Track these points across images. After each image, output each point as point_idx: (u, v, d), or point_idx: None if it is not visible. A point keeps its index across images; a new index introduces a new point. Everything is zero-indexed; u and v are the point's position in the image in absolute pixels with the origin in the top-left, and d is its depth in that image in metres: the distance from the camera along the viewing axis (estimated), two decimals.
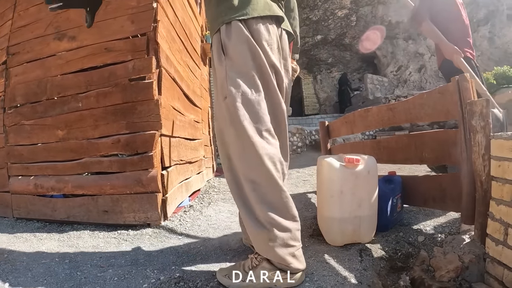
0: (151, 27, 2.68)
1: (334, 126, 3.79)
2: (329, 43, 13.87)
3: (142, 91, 2.59)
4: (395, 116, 2.57)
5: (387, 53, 13.62)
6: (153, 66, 2.60)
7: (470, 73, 2.64)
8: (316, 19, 12.45)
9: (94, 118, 2.69)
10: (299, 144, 8.10)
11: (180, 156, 3.26)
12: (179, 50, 3.48)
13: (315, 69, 15.40)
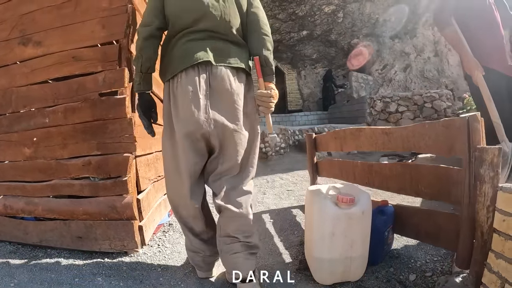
0: (124, 34, 2.41)
1: (322, 139, 3.64)
2: (314, 39, 13.73)
3: (114, 108, 2.35)
4: (390, 141, 2.43)
5: (373, 51, 13.59)
6: (125, 79, 2.35)
7: (487, 95, 2.53)
8: (302, 14, 12.28)
9: (62, 136, 2.46)
10: (282, 145, 7.95)
11: (158, 172, 3.06)
12: None
13: (299, 64, 15.28)
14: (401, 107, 10.18)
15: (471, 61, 2.65)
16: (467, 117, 1.69)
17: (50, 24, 2.53)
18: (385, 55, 13.50)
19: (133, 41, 2.46)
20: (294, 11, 12.17)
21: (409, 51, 13.49)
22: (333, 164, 3.47)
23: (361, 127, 2.82)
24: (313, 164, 3.82)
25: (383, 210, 2.35)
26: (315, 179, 3.86)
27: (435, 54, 13.85)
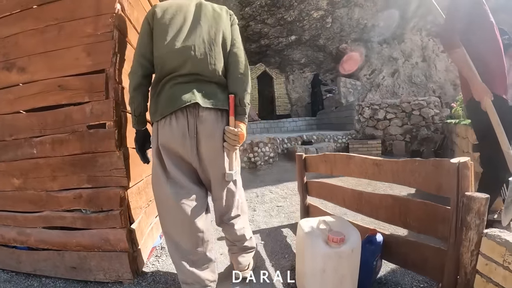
0: (110, 62, 2.35)
1: (312, 160, 3.66)
2: (303, 44, 13.81)
3: (103, 141, 2.32)
4: (380, 173, 2.47)
5: (361, 56, 13.69)
6: (113, 112, 2.31)
7: (497, 122, 2.48)
8: (291, 19, 12.32)
9: (51, 168, 2.42)
10: (271, 154, 7.98)
11: (148, 197, 3.04)
12: None
13: (287, 69, 15.35)
14: (389, 114, 10.28)
15: (480, 87, 2.58)
16: (457, 163, 1.73)
17: (33, 49, 2.46)
18: (373, 60, 13.62)
19: (120, 71, 2.43)
20: (283, 16, 12.20)
21: (397, 56, 13.63)
22: (323, 187, 3.50)
23: (351, 154, 2.84)
24: (303, 184, 3.84)
25: (372, 240, 2.39)
26: (305, 198, 3.88)
27: (423, 59, 14.01)
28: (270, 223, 4.14)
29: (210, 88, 2.13)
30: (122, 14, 2.53)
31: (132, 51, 2.68)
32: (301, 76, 15.48)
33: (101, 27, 2.40)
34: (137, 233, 2.54)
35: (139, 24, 2.89)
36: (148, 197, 3.03)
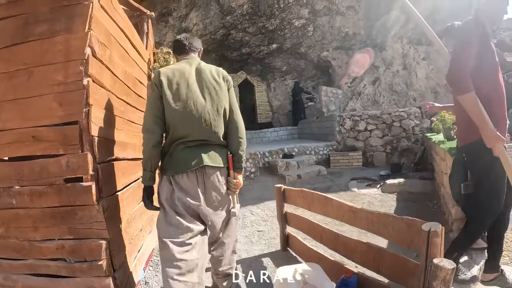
0: (83, 114, 2.32)
1: (291, 193, 3.75)
2: (284, 52, 13.91)
3: (81, 195, 2.32)
4: (356, 220, 2.57)
5: (342, 64, 13.85)
6: (89, 166, 2.31)
7: (510, 168, 2.45)
8: (272, 28, 12.39)
9: (32, 219, 2.41)
10: (252, 169, 8.05)
11: (131, 234, 3.09)
12: (122, 116, 3.25)
13: (269, 76, 15.43)
14: (370, 125, 10.45)
15: (493, 133, 2.48)
16: (428, 230, 1.82)
17: (3, 95, 2.42)
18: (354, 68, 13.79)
19: (94, 122, 2.41)
20: (264, 25, 12.27)
21: (378, 65, 13.83)
22: (302, 220, 3.59)
23: (329, 197, 2.93)
24: (282, 214, 3.93)
25: (347, 283, 2.48)
26: (285, 228, 3.97)
27: (404, 67, 14.25)
28: (251, 251, 4.21)
29: (213, 150, 2.60)
30: (93, 58, 2.50)
31: (106, 95, 2.74)
32: (282, 84, 15.59)
33: (71, 74, 2.37)
34: (121, 278, 2.59)
35: (113, 63, 2.93)
36: (131, 235, 3.08)
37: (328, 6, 12.36)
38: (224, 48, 13.52)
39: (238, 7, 11.53)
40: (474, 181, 2.83)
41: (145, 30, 4.97)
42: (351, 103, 13.44)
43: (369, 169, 9.65)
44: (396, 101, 13.72)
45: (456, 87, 2.59)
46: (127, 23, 3.58)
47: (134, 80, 3.74)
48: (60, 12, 2.50)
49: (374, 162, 10.30)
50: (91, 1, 2.51)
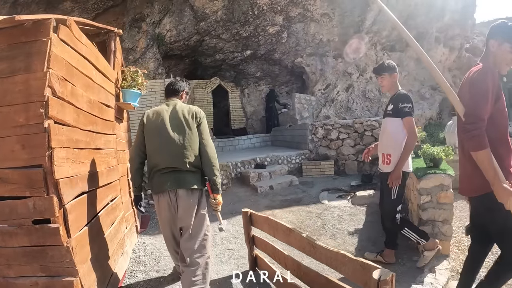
0: (46, 158, 2.37)
1: (258, 219, 3.87)
2: (258, 58, 14.05)
3: (49, 236, 2.41)
4: (316, 254, 2.70)
5: (316, 70, 14.02)
6: (55, 209, 2.38)
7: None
8: (246, 35, 12.49)
9: (5, 257, 2.47)
10: (224, 181, 8.12)
11: (102, 261, 3.20)
12: (88, 147, 3.29)
13: (243, 82, 15.54)
14: (342, 134, 10.65)
15: (504, 190, 2.45)
16: (378, 279, 1.93)
17: None
18: (328, 75, 13.97)
19: (57, 165, 2.46)
20: (238, 31, 12.36)
21: (351, 71, 14.04)
22: (267, 246, 3.71)
23: (291, 229, 3.06)
24: (249, 237, 4.03)
25: None
26: (253, 250, 4.10)
27: None
28: (221, 272, 4.32)
29: (182, 176, 3.28)
30: (54, 98, 2.53)
31: (70, 131, 2.80)
32: (256, 89, 15.71)
33: (32, 117, 2.40)
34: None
35: (76, 96, 2.99)
36: (101, 263, 3.20)
37: (302, 13, 12.54)
38: (198, 54, 13.57)
39: (212, 14, 11.59)
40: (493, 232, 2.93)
41: (112, 48, 4.99)
42: (324, 110, 13.63)
43: (341, 178, 9.84)
44: (369, 108, 13.97)
45: (472, 143, 2.55)
46: (91, 49, 3.63)
47: (100, 106, 3.80)
48: (19, 49, 2.53)
49: (346, 170, 10.51)
50: (49, 38, 2.53)
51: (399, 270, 4.24)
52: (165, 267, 4.45)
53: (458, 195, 7.64)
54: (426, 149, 5.12)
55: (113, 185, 4.22)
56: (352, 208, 6.91)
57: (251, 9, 11.68)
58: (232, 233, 5.60)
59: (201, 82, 15.24)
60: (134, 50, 11.13)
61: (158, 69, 11.78)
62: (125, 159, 5.21)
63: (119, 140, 4.87)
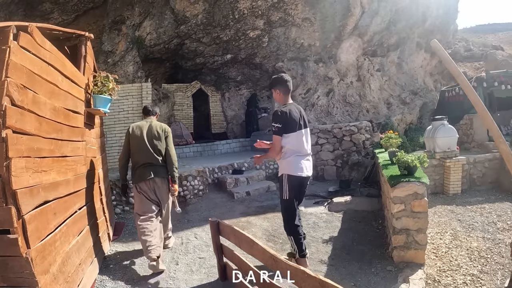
0: (4, 168, 2.37)
1: (225, 229, 3.90)
2: (239, 62, 14.06)
3: (9, 247, 2.40)
4: (277, 267, 2.76)
5: (297, 75, 14.06)
6: (14, 219, 2.37)
7: None
8: (227, 38, 12.48)
9: None
10: (200, 187, 8.11)
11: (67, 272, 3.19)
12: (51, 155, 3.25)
13: (223, 86, 15.53)
14: (321, 139, 10.75)
15: None
16: None
17: None
18: (308, 79, 14.02)
19: (15, 175, 2.45)
20: (219, 35, 12.35)
21: (332, 76, 14.12)
22: (234, 256, 3.72)
23: (255, 241, 3.07)
24: (218, 246, 4.04)
25: None
26: (221, 259, 4.10)
27: (358, 78, 14.64)
28: (190, 282, 4.33)
29: (157, 169, 4.91)
30: (12, 107, 2.53)
31: (30, 140, 2.78)
32: (237, 94, 15.71)
33: None
34: None
35: (38, 104, 2.97)
36: (66, 275, 3.16)
37: (283, 17, 12.56)
38: (178, 58, 13.53)
39: (192, 17, 11.57)
40: None
41: (82, 53, 4.94)
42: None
43: (319, 183, 9.92)
44: (350, 113, 14.07)
45: None
46: (56, 55, 3.58)
47: (66, 113, 3.76)
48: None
49: (325, 176, 10.60)
50: (8, 46, 2.53)
51: (372, 280, 4.30)
52: (134, 276, 4.46)
53: (437, 200, 7.87)
54: (401, 156, 5.18)
55: (81, 193, 4.20)
56: (329, 214, 6.96)
57: (232, 13, 11.68)
58: (205, 241, 5.61)
59: (182, 86, 15.20)
60: (113, 53, 11.04)
61: (138, 72, 11.70)
62: (97, 165, 5.20)
63: (89, 147, 4.84)
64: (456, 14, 17.54)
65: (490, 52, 27.76)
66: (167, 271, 4.59)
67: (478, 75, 11.65)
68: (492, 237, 5.80)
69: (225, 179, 8.75)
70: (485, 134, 10.52)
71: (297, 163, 4.41)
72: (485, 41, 35.36)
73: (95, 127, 5.35)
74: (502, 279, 4.49)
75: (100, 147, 5.68)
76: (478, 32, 43.92)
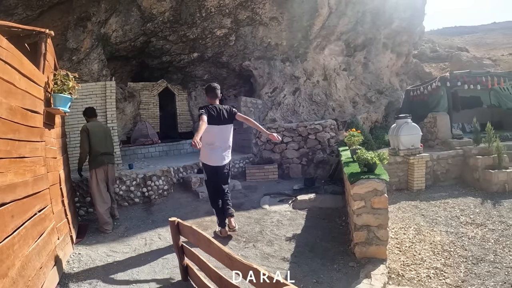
0: None
1: (185, 228, 3.92)
2: (205, 61, 14.05)
3: None
4: (233, 266, 2.81)
5: (264, 74, 14.20)
6: None
7: None
8: (193, 37, 12.45)
9: None
10: (165, 187, 8.11)
11: (28, 276, 3.15)
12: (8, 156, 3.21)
13: (190, 85, 15.47)
14: (286, 137, 10.92)
15: None
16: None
17: None
18: (275, 78, 14.19)
19: None
20: (185, 33, 12.30)
21: (298, 75, 14.33)
22: (194, 256, 3.79)
23: (212, 240, 3.15)
24: (178, 246, 4.09)
25: None
26: (183, 259, 4.15)
27: (324, 78, 14.91)
28: (153, 283, 4.33)
29: (111, 157, 6.76)
30: None
31: None
32: (203, 92, 15.63)
33: None
34: None
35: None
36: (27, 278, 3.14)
37: (251, 16, 12.66)
38: (145, 56, 13.42)
39: (159, 14, 11.48)
40: None
41: (42, 50, 4.84)
42: (270, 113, 13.82)
43: (284, 182, 10.07)
44: (316, 111, 14.31)
45: None
46: (13, 53, 3.52)
47: (24, 113, 3.70)
48: None
49: (291, 174, 10.77)
50: None
51: (334, 277, 4.42)
52: (98, 279, 4.43)
53: (401, 196, 8.14)
54: (361, 154, 5.34)
55: (41, 195, 4.12)
56: (293, 212, 7.09)
57: (199, 11, 11.66)
58: (169, 241, 5.60)
59: (148, 85, 15.09)
60: (78, 50, 10.81)
61: (103, 70, 11.52)
62: (57, 166, 5.11)
63: (49, 147, 4.75)
64: (422, 16, 18.07)
65: (455, 53, 28.81)
66: (130, 273, 4.59)
67: (442, 75, 12.05)
68: (455, 231, 6.07)
69: (190, 178, 8.80)
70: (449, 131, 10.98)
71: (208, 154, 5.69)
72: (451, 43, 36.61)
73: (56, 127, 5.26)
74: (465, 272, 4.73)
75: (61, 148, 5.60)
76: (445, 34, 45.47)
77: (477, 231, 6.06)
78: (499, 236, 5.78)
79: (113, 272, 4.59)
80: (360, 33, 15.01)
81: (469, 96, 13.07)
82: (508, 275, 4.57)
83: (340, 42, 14.94)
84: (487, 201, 7.62)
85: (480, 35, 44.11)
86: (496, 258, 5.06)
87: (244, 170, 10.52)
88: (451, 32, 48.57)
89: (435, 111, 11.63)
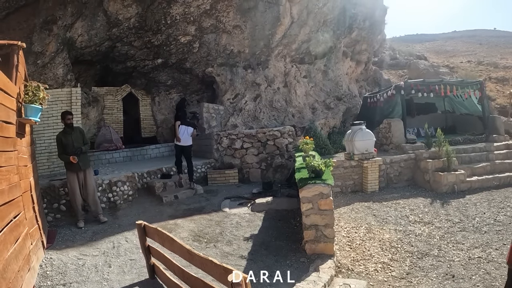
0: None
1: (150, 230, 4.35)
2: (169, 66, 14.32)
3: None
4: (193, 260, 3.27)
5: (226, 80, 14.56)
6: None
7: None
8: (158, 43, 12.69)
9: None
10: (130, 192, 8.36)
11: (9, 279, 3.31)
12: None
13: (153, 90, 15.59)
14: (246, 143, 11.43)
15: None
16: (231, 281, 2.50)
17: None
18: (237, 85, 14.59)
19: None
20: (150, 39, 12.52)
21: (260, 82, 14.79)
22: (160, 254, 4.21)
23: (174, 239, 3.60)
24: (145, 247, 4.49)
25: None
26: (149, 259, 4.56)
27: (285, 85, 15.46)
28: (123, 282, 4.72)
29: (85, 158, 7.31)
30: None
31: None
32: (167, 98, 15.85)
33: None
34: None
35: None
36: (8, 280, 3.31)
37: (215, 24, 13.03)
38: (109, 60, 13.52)
39: (125, 20, 11.64)
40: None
41: (15, 62, 5.02)
42: (232, 119, 14.22)
43: (244, 186, 10.55)
44: (276, 117, 14.82)
45: None
46: None
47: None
48: None
49: (250, 178, 11.26)
50: None
51: (286, 271, 4.94)
52: (71, 280, 4.73)
53: (356, 198, 8.81)
54: (309, 161, 5.90)
55: (15, 202, 4.29)
56: (251, 215, 7.57)
57: (164, 18, 11.91)
58: (135, 243, 5.92)
59: (112, 89, 15.17)
60: (43, 54, 10.74)
61: (67, 75, 11.46)
62: (28, 174, 5.31)
63: (21, 156, 4.93)
64: (382, 25, 19.02)
65: (413, 61, 30.13)
66: (101, 274, 4.90)
67: (397, 84, 12.82)
68: (403, 229, 6.73)
69: (154, 183, 9.11)
70: (402, 136, 11.79)
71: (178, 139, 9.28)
72: (411, 50, 38.06)
73: (26, 135, 5.46)
74: (410, 265, 5.37)
75: (30, 155, 5.78)
76: (407, 41, 47.10)
77: (424, 228, 6.73)
78: (445, 233, 6.47)
79: (85, 274, 4.88)
80: (321, 41, 15.59)
81: (424, 102, 14.03)
82: (450, 268, 5.24)
83: (301, 50, 15.53)
84: (436, 201, 8.39)
85: (441, 43, 46.05)
86: (440, 252, 5.73)
87: (206, 175, 10.91)
88: (413, 39, 50.32)
89: (390, 117, 12.39)
